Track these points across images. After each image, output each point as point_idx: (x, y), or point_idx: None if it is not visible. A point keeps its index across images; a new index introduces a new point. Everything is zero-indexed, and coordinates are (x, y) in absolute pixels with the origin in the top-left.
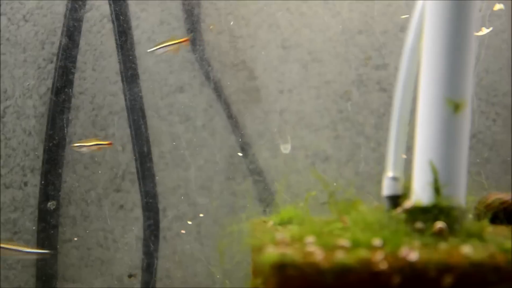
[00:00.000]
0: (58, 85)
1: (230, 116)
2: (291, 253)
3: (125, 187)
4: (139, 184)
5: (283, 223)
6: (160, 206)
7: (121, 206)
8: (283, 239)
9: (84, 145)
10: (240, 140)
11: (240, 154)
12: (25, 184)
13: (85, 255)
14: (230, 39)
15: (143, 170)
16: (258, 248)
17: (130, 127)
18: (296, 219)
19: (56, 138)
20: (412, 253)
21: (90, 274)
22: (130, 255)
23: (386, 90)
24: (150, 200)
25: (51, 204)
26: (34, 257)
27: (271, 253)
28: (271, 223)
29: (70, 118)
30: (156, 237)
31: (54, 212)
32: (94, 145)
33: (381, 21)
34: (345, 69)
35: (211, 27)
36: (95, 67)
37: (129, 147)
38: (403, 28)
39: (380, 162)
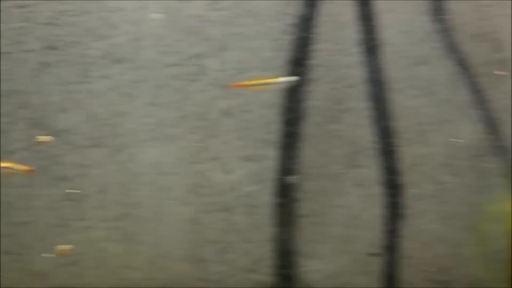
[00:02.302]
0: (297, 56)
1: (475, 90)
2: None
3: (364, 162)
4: (381, 160)
5: None
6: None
7: (360, 182)
8: None
9: None
10: (486, 115)
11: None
12: (262, 157)
13: (324, 232)
14: (474, 8)
15: (385, 146)
16: None
17: (370, 100)
18: None
19: (296, 111)
20: None
21: (329, 251)
22: (371, 233)
23: None
24: (392, 177)
25: (292, 179)
26: None
27: None
28: None
29: (308, 91)
30: (399, 215)
31: (293, 186)
32: None
33: None
34: None
35: None
36: (333, 38)
37: (366, 121)
38: None
39: None
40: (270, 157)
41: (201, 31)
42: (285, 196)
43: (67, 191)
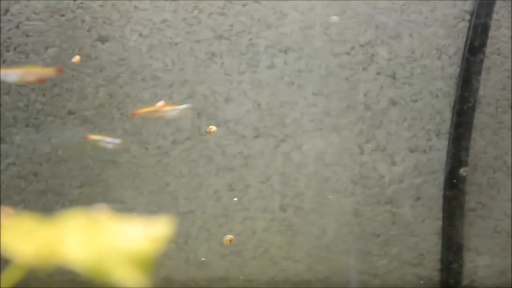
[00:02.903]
0: (475, 43)
1: None
2: None
3: None
4: None
5: None
6: None
7: None
8: None
9: None
10: None
11: None
12: (430, 148)
13: (491, 226)
14: None
15: None
16: None
17: None
18: None
19: (471, 100)
20: None
21: (500, 247)
22: None
23: None
24: None
25: (463, 171)
26: None
27: None
28: None
29: (482, 79)
30: None
31: (463, 179)
32: None
33: None
34: None
35: None
36: (510, 24)
37: None
38: None
39: None
40: (439, 148)
41: (373, 19)
42: (454, 188)
43: (234, 199)
